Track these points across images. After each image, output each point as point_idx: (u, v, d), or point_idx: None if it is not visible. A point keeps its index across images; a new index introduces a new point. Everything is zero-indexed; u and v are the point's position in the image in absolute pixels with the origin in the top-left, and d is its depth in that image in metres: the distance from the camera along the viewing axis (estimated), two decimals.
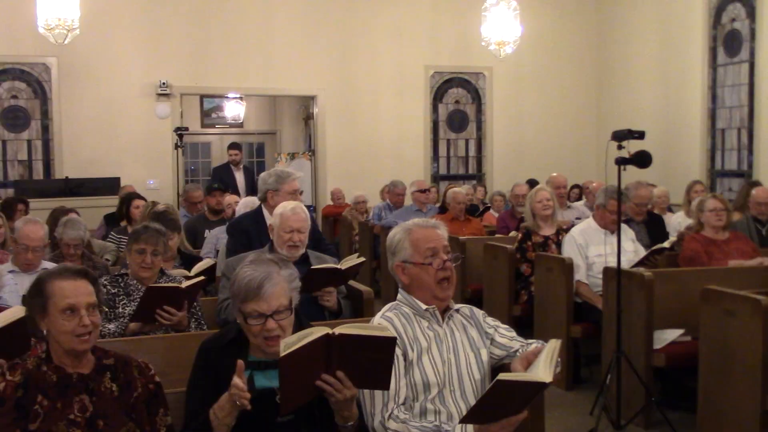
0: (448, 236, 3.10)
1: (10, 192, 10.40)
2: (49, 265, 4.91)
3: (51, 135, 11.51)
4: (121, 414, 2.57)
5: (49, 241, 5.37)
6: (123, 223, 7.33)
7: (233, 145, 11.62)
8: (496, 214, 9.93)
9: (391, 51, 12.93)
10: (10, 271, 4.69)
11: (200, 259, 5.43)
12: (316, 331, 2.43)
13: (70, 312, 2.54)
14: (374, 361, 2.53)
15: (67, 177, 10.82)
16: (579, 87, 13.78)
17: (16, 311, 3.15)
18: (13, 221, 6.14)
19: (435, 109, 13.43)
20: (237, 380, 2.44)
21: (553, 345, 2.65)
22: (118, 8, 11.55)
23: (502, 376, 2.44)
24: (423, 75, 13.21)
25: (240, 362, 2.49)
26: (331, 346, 2.45)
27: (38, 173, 11.53)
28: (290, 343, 2.38)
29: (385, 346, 2.50)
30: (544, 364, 2.56)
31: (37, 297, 2.60)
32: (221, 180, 9.60)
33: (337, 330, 2.46)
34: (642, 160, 4.99)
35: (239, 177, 11.12)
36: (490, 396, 2.47)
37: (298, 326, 2.70)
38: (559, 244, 6.47)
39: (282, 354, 2.35)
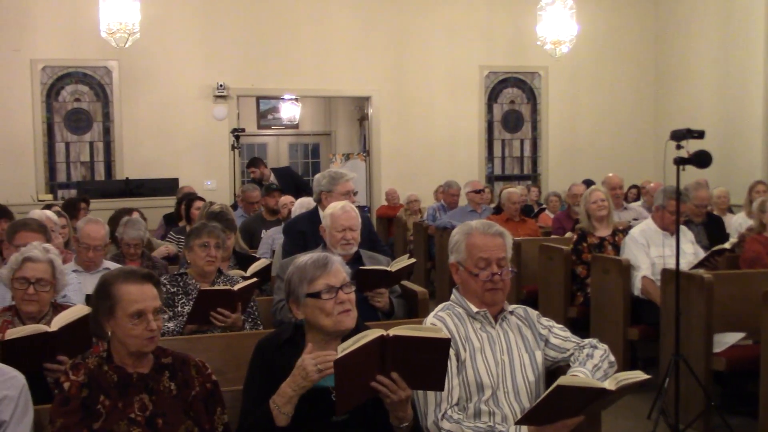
0: (511, 245, 3.05)
1: (73, 192, 10.65)
2: (110, 264, 5.03)
3: (112, 137, 11.78)
4: (179, 412, 2.61)
5: (110, 240, 5.49)
6: (181, 223, 7.45)
7: (250, 163, 10.51)
8: (552, 215, 9.84)
9: (446, 51, 12.92)
10: (74, 270, 4.79)
11: (255, 259, 5.48)
12: (371, 333, 2.45)
13: (138, 317, 2.57)
14: (429, 362, 2.53)
15: (127, 178, 11.06)
16: (636, 85, 13.58)
17: (80, 309, 3.22)
18: (76, 221, 6.30)
19: (489, 109, 13.38)
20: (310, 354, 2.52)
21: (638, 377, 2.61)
22: (177, 12, 11.76)
23: (563, 380, 2.42)
24: (477, 75, 13.17)
25: (310, 344, 2.57)
26: (385, 347, 2.46)
27: (100, 174, 11.82)
28: (345, 346, 2.41)
29: (440, 347, 2.50)
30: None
31: (104, 299, 2.63)
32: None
33: (392, 332, 2.47)
34: (701, 160, 4.89)
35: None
36: (548, 399, 2.46)
37: (354, 329, 2.72)
38: (615, 246, 6.39)
39: (338, 356, 2.38)
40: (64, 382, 2.55)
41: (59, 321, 3.13)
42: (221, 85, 11.89)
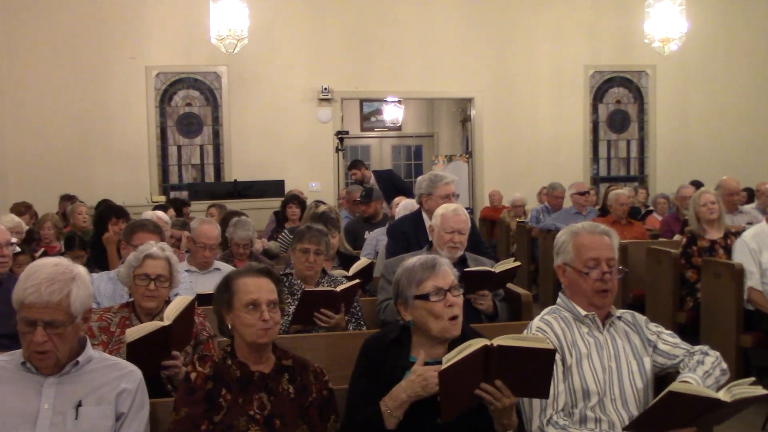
0: (618, 245, 3.00)
1: (185, 194, 11.03)
2: (221, 264, 5.18)
3: (221, 140, 12.15)
4: (296, 416, 2.68)
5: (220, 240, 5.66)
6: (287, 224, 7.60)
7: (352, 165, 10.36)
8: (660, 218, 9.58)
9: (550, 51, 12.77)
10: (186, 270, 4.96)
11: (359, 259, 5.54)
12: (475, 343, 2.46)
13: (252, 307, 2.68)
14: (533, 371, 2.52)
15: (235, 180, 11.37)
16: (751, 83, 13.08)
17: (184, 299, 3.32)
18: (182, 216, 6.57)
19: (595, 109, 13.14)
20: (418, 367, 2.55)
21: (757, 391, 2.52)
22: (283, 17, 12.02)
23: (674, 387, 2.36)
24: (582, 74, 12.96)
25: (422, 352, 2.60)
26: (489, 357, 2.47)
27: (209, 176, 12.21)
28: (450, 356, 2.42)
29: (544, 357, 2.49)
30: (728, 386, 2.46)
31: (224, 293, 2.77)
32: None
33: (496, 341, 2.47)
34: None
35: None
36: (658, 406, 2.40)
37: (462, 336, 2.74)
38: (727, 249, 6.17)
39: (442, 367, 2.39)
40: (191, 373, 2.66)
41: (170, 313, 3.25)
42: (326, 89, 12.09)
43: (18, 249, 5.21)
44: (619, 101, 13.23)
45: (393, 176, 10.72)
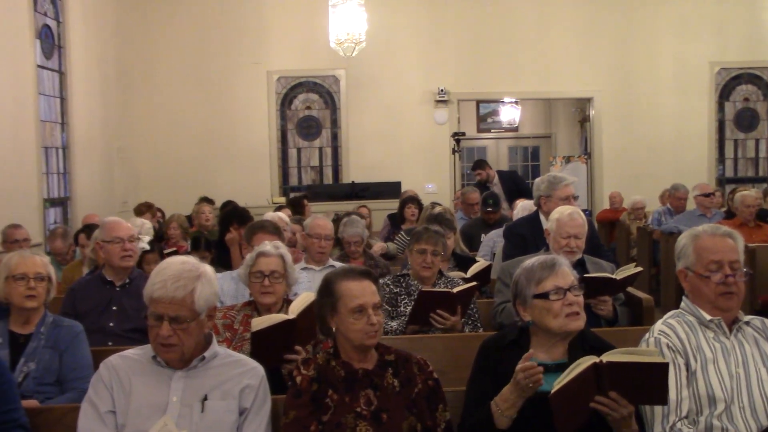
0: (743, 248, 2.89)
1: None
2: (335, 262, 5.28)
3: (339, 142, 12.38)
4: (402, 408, 2.71)
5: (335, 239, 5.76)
6: (404, 225, 7.66)
7: (476, 165, 10.41)
8: None
9: (673, 48, 12.41)
10: (303, 269, 5.08)
11: (475, 261, 5.53)
12: (584, 362, 2.44)
13: (360, 312, 2.72)
14: (647, 384, 2.49)
15: (353, 181, 11.53)
16: None
17: (309, 295, 3.40)
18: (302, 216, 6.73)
19: (721, 107, 12.67)
20: (523, 364, 2.52)
21: None
22: (400, 20, 12.13)
23: None
24: (707, 72, 12.53)
25: (529, 353, 2.58)
26: (600, 373, 2.44)
27: (328, 178, 12.46)
28: (559, 380, 2.42)
29: (658, 371, 2.45)
30: None
31: (326, 297, 2.82)
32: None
33: (605, 358, 2.45)
34: None
35: (496, 191, 10.89)
36: None
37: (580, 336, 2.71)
38: None
39: (553, 390, 2.39)
40: (297, 377, 2.73)
41: (295, 308, 3.35)
42: (442, 90, 12.11)
43: (147, 247, 5.47)
44: (747, 99, 12.71)
45: (516, 178, 10.66)
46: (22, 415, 2.87)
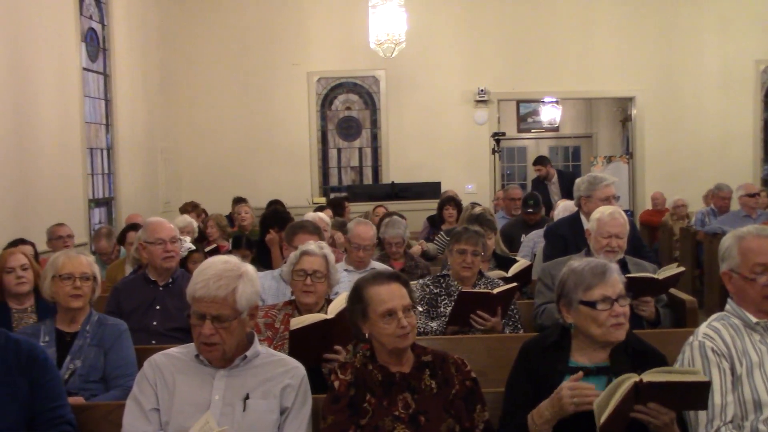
0: None
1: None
2: (377, 264, 5.28)
3: (379, 142, 12.42)
4: (440, 410, 2.70)
5: (377, 241, 5.78)
6: (444, 226, 7.65)
7: (537, 161, 10.52)
8: None
9: (717, 46, 12.23)
10: (345, 269, 5.10)
11: (515, 261, 5.51)
12: (625, 381, 2.41)
13: (389, 316, 2.72)
14: (688, 399, 2.49)
15: (393, 182, 11.55)
16: None
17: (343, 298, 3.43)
18: (342, 217, 6.73)
19: (766, 106, 12.46)
20: (569, 383, 2.49)
21: None
22: (440, 21, 12.12)
23: None
24: (753, 70, 12.33)
25: (578, 374, 2.54)
26: (640, 392, 2.42)
27: (367, 178, 12.51)
28: (602, 405, 2.39)
29: (699, 389, 2.44)
30: None
31: (357, 303, 2.82)
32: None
33: (645, 378, 2.41)
34: None
35: (554, 190, 10.88)
36: None
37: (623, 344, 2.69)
38: None
39: (600, 421, 2.37)
40: (334, 381, 2.74)
41: (334, 308, 3.37)
42: (482, 90, 12.08)
43: (193, 247, 5.53)
44: None
45: (574, 178, 10.57)
46: (69, 411, 2.92)
